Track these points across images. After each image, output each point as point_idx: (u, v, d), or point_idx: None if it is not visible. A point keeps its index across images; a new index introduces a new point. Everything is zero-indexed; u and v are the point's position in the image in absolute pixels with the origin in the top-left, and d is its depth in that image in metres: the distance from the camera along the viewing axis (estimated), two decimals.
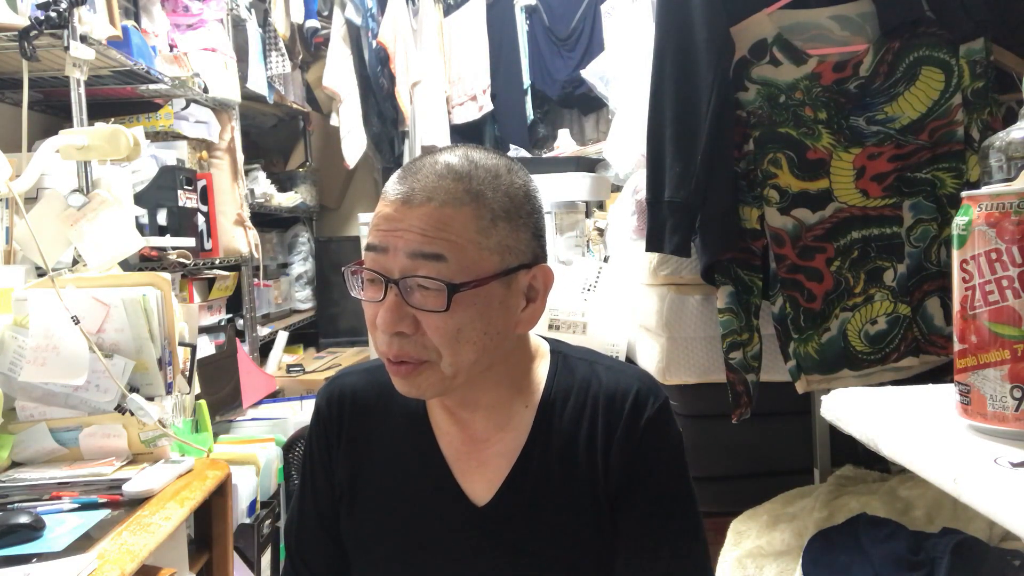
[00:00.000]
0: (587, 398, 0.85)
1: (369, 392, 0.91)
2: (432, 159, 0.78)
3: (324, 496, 0.92)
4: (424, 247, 0.74)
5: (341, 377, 0.95)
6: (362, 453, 0.89)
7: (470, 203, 0.75)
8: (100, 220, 1.59)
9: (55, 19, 1.59)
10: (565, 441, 0.84)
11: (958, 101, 1.42)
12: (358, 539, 0.89)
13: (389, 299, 0.75)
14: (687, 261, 1.57)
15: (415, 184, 0.76)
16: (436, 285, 0.73)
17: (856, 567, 1.29)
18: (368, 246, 0.78)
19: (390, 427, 0.89)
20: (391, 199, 0.77)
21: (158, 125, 2.30)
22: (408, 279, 0.74)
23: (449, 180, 0.76)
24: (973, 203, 0.67)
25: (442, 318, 0.74)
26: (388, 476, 0.87)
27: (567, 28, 3.69)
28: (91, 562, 1.07)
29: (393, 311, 0.74)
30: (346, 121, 3.56)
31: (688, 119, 1.44)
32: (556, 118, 3.90)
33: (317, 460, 0.92)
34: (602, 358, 0.91)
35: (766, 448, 1.76)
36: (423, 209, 0.74)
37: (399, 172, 0.80)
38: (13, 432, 1.47)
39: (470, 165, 0.77)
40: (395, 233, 0.75)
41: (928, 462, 0.66)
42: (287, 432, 2.38)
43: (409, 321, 0.75)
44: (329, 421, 0.91)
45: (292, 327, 3.42)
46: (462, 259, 0.74)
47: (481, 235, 0.75)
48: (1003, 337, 0.65)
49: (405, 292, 0.75)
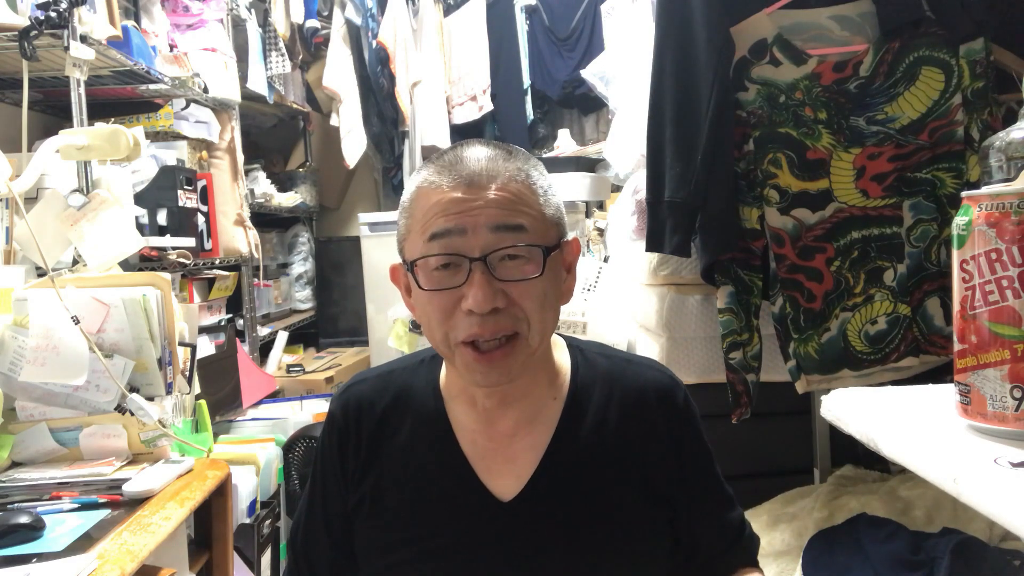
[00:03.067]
0: (613, 391, 0.87)
1: (384, 398, 0.90)
2: (468, 151, 0.79)
3: (334, 504, 0.91)
4: (508, 219, 0.76)
5: (355, 384, 0.94)
6: (382, 460, 0.89)
7: (527, 179, 0.79)
8: (100, 220, 1.59)
9: (55, 19, 1.59)
10: (593, 434, 0.85)
11: (958, 101, 1.42)
12: (380, 545, 0.88)
13: (478, 278, 0.75)
14: (687, 261, 1.57)
15: (472, 168, 0.77)
16: (529, 252, 0.76)
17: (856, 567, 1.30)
18: (437, 233, 0.76)
19: (408, 431, 0.88)
20: (450, 186, 0.76)
21: (158, 125, 2.30)
22: (497, 252, 0.75)
23: (502, 161, 0.78)
24: (973, 203, 0.67)
25: (536, 283, 0.77)
26: (409, 480, 0.87)
27: (567, 28, 3.69)
28: (91, 562, 1.07)
29: (486, 288, 0.74)
30: (346, 121, 3.56)
31: (688, 119, 1.44)
32: (556, 118, 3.90)
33: (330, 468, 0.92)
34: (614, 351, 0.94)
35: (766, 448, 1.76)
36: (494, 186, 0.76)
37: (437, 165, 0.79)
38: (13, 432, 1.46)
39: (505, 149, 0.80)
40: (471, 213, 0.75)
41: (928, 462, 0.66)
42: (287, 432, 2.38)
43: (501, 295, 0.76)
44: (345, 430, 0.91)
45: (292, 327, 3.41)
46: (537, 228, 0.78)
47: (544, 206, 0.79)
48: (1003, 337, 0.65)
49: (492, 267, 0.75)
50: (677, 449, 0.87)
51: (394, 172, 3.93)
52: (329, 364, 3.27)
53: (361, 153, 3.61)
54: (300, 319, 3.62)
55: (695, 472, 0.89)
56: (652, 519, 0.86)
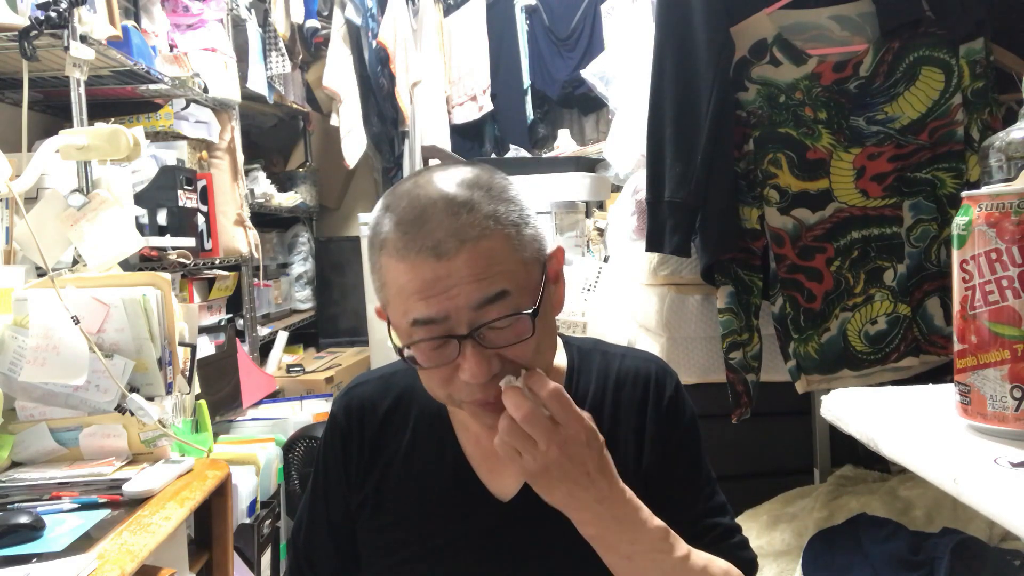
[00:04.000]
0: (607, 385, 0.88)
1: (387, 399, 0.91)
2: (424, 197, 0.74)
3: (336, 505, 0.92)
4: (487, 291, 0.71)
5: (357, 387, 0.94)
6: (384, 461, 0.89)
7: (494, 228, 0.73)
8: (100, 220, 1.59)
9: (55, 19, 1.59)
10: None
11: (958, 101, 1.42)
12: (382, 545, 0.88)
13: (469, 353, 0.72)
14: (687, 261, 1.57)
15: (436, 234, 0.71)
16: (512, 320, 0.73)
17: (856, 567, 1.30)
18: (419, 320, 0.72)
19: (410, 432, 0.89)
20: (417, 257, 0.71)
21: (158, 125, 2.30)
22: (482, 328, 0.72)
23: (464, 214, 0.72)
24: (973, 203, 0.67)
25: (528, 342, 0.74)
26: (411, 480, 0.87)
27: (567, 28, 3.69)
28: (91, 562, 1.07)
29: (480, 360, 0.72)
30: (346, 121, 3.56)
31: (688, 119, 1.44)
32: (556, 118, 3.90)
33: (332, 469, 0.92)
34: (609, 346, 0.94)
35: (766, 448, 1.76)
36: (463, 256, 0.71)
37: (400, 226, 0.73)
38: (13, 432, 1.46)
39: (466, 189, 0.74)
40: (449, 295, 0.71)
41: (928, 462, 0.66)
42: (287, 432, 2.38)
43: (495, 360, 0.74)
44: (347, 432, 0.91)
45: (292, 327, 3.41)
46: (518, 283, 0.73)
47: (518, 251, 0.74)
48: (1003, 337, 0.65)
49: (482, 338, 0.73)
50: (663, 440, 0.87)
51: (394, 172, 3.93)
52: (329, 364, 3.27)
53: (361, 153, 3.61)
54: (300, 319, 3.62)
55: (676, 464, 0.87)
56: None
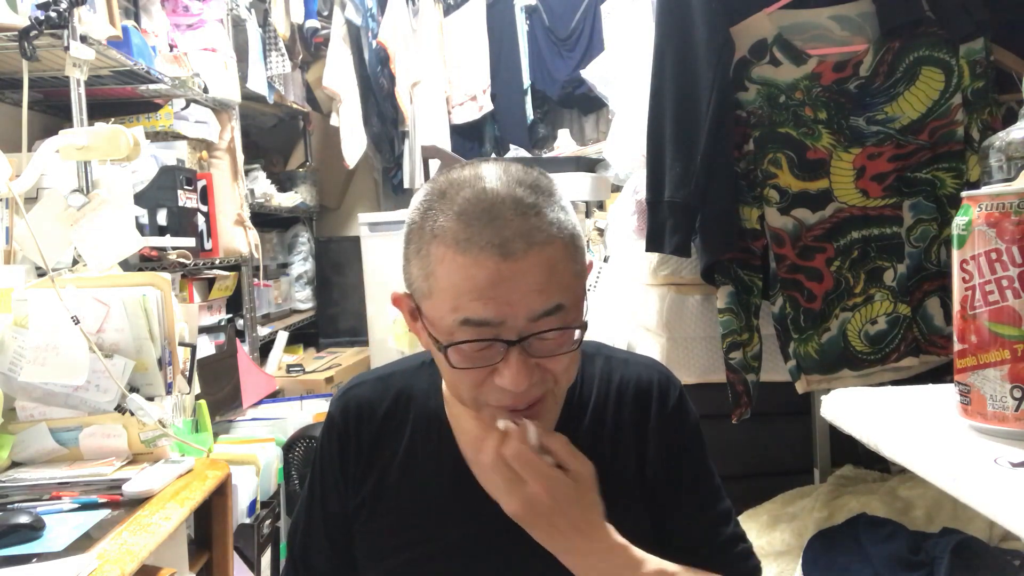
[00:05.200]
0: (609, 391, 0.87)
1: (384, 400, 0.90)
2: (490, 191, 0.71)
3: (333, 506, 0.91)
4: (547, 303, 0.70)
5: (354, 387, 0.93)
6: (382, 463, 0.88)
7: (557, 234, 0.72)
8: (100, 220, 1.59)
9: (55, 19, 1.59)
10: (592, 434, 0.85)
11: (958, 101, 1.42)
12: (379, 547, 0.88)
13: (514, 359, 0.71)
14: (687, 261, 1.57)
15: (504, 230, 0.69)
16: (565, 332, 0.72)
17: (856, 567, 1.29)
18: (472, 320, 0.70)
19: (409, 434, 0.88)
20: (479, 254, 0.69)
21: (158, 125, 2.30)
22: (532, 338, 0.71)
23: (532, 216, 0.70)
24: (973, 203, 0.67)
25: (571, 355, 0.74)
26: (409, 483, 0.86)
27: (567, 28, 3.69)
28: (91, 562, 1.07)
29: (523, 369, 0.71)
30: (346, 121, 3.56)
31: (688, 119, 1.44)
32: (556, 118, 3.90)
33: (328, 471, 0.91)
34: (612, 350, 0.93)
35: (766, 448, 1.76)
36: (530, 260, 0.69)
37: (464, 216, 0.70)
38: (13, 432, 1.47)
39: (531, 192, 0.72)
40: (508, 301, 0.69)
41: (928, 462, 0.66)
42: (287, 432, 2.38)
43: (536, 370, 0.73)
44: (345, 433, 0.90)
45: (292, 327, 3.41)
46: (572, 297, 0.73)
47: (572, 262, 0.73)
48: (1003, 337, 0.65)
49: (528, 348, 0.72)
50: (668, 447, 0.86)
51: (394, 172, 3.93)
52: (329, 364, 3.27)
53: (361, 153, 3.61)
54: (300, 319, 3.62)
55: (681, 471, 0.87)
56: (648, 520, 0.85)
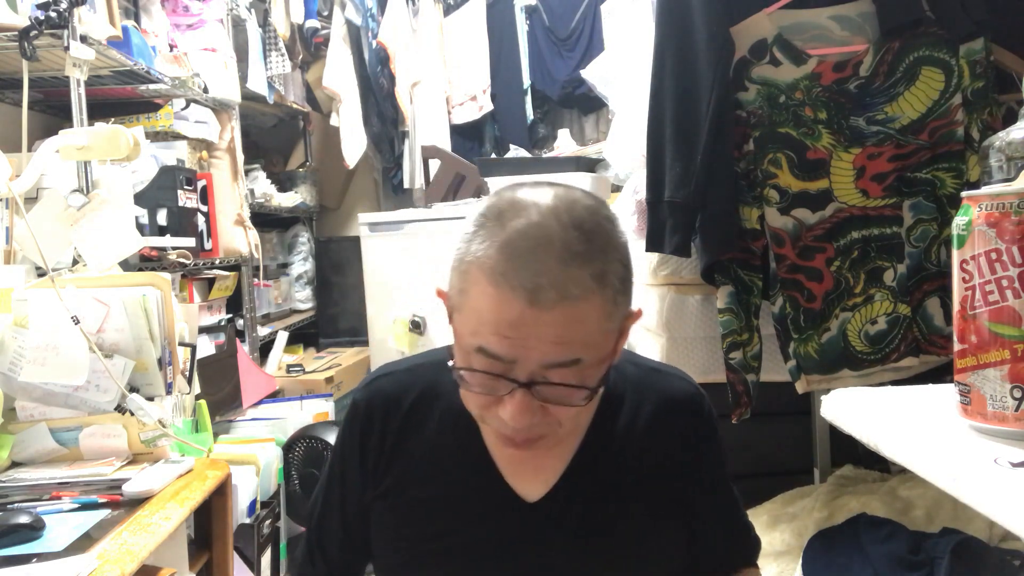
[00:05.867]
0: (642, 400, 0.88)
1: (411, 393, 0.90)
2: (539, 231, 0.69)
3: (351, 496, 0.91)
4: (561, 357, 0.70)
5: (380, 377, 0.93)
6: (407, 454, 0.88)
7: (597, 290, 0.70)
8: (100, 220, 1.59)
9: (55, 19, 1.59)
10: (622, 440, 0.86)
11: (958, 101, 1.42)
12: (397, 538, 0.88)
13: (519, 399, 0.71)
14: (687, 261, 1.57)
15: (539, 277, 0.68)
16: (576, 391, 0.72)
17: (856, 567, 1.30)
18: (486, 351, 0.71)
19: (435, 428, 0.88)
20: (510, 293, 0.68)
21: (158, 125, 2.30)
22: (541, 385, 0.71)
23: (575, 267, 0.69)
24: (973, 203, 0.67)
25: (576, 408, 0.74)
26: (434, 476, 0.87)
27: (567, 28, 3.69)
28: (91, 562, 1.07)
29: (524, 410, 0.72)
30: (346, 121, 3.56)
31: (688, 119, 1.44)
32: (556, 118, 3.90)
33: (349, 460, 0.91)
34: (642, 359, 0.95)
35: (766, 448, 1.76)
36: (556, 312, 0.68)
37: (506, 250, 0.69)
38: (13, 432, 1.46)
39: (584, 240, 0.70)
40: (524, 344, 0.69)
41: (928, 462, 0.66)
42: (287, 432, 2.38)
43: (539, 411, 0.73)
44: (369, 423, 0.90)
45: (292, 327, 3.41)
46: (594, 353, 0.72)
47: (608, 320, 0.72)
48: (1003, 337, 0.65)
49: (535, 391, 0.72)
50: (699, 457, 0.89)
51: (394, 172, 3.93)
52: (329, 364, 3.26)
53: (361, 153, 3.61)
54: (300, 319, 3.61)
55: (712, 479, 0.91)
56: (673, 524, 0.87)
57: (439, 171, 3.25)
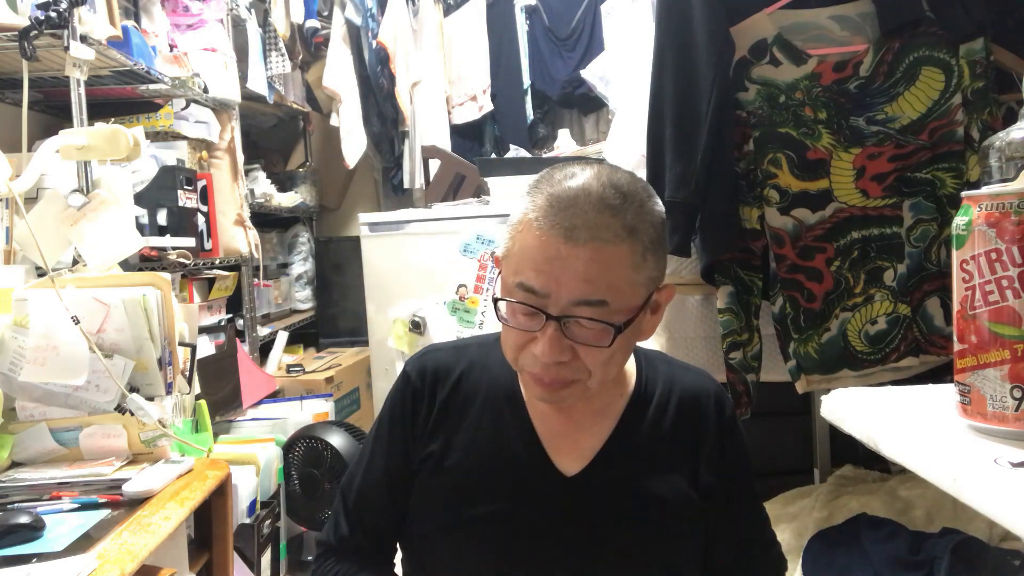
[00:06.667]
0: (671, 394, 0.95)
1: (459, 366, 0.96)
2: (581, 186, 0.79)
3: (398, 456, 0.95)
4: (589, 295, 0.77)
5: (432, 352, 1.00)
6: (453, 423, 0.93)
7: (627, 239, 0.78)
8: (100, 220, 1.59)
9: (55, 19, 1.59)
10: (653, 427, 0.93)
11: (958, 101, 1.42)
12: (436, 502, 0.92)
13: (549, 333, 0.79)
14: (687, 261, 1.57)
15: (575, 219, 0.77)
16: (600, 326, 0.78)
17: (856, 567, 1.30)
18: (523, 285, 0.79)
19: (481, 400, 0.94)
20: (547, 231, 0.77)
21: (158, 125, 2.30)
22: (570, 318, 0.78)
23: (608, 215, 0.77)
24: (973, 203, 0.67)
25: (599, 349, 0.80)
26: (478, 445, 0.92)
27: (567, 28, 3.69)
28: (91, 562, 1.07)
29: (555, 344, 0.79)
30: (346, 121, 3.56)
31: (688, 119, 1.44)
32: (556, 118, 3.90)
33: (398, 422, 0.96)
34: (673, 359, 1.03)
35: (766, 448, 1.76)
36: (587, 249, 0.76)
37: (551, 199, 0.79)
38: (13, 432, 1.46)
39: (620, 197, 0.79)
40: (558, 279, 0.77)
41: (928, 462, 0.66)
42: (287, 432, 2.38)
43: (568, 350, 0.80)
44: (419, 390, 0.96)
45: (292, 327, 3.41)
46: (620, 299, 0.79)
47: (635, 271, 0.79)
48: (1003, 337, 0.65)
49: (564, 327, 0.79)
50: (721, 451, 0.95)
51: (394, 172, 3.92)
52: (329, 364, 3.26)
53: (361, 153, 3.61)
54: (300, 319, 3.61)
55: (733, 476, 0.96)
56: (695, 505, 0.92)
57: (439, 171, 3.25)
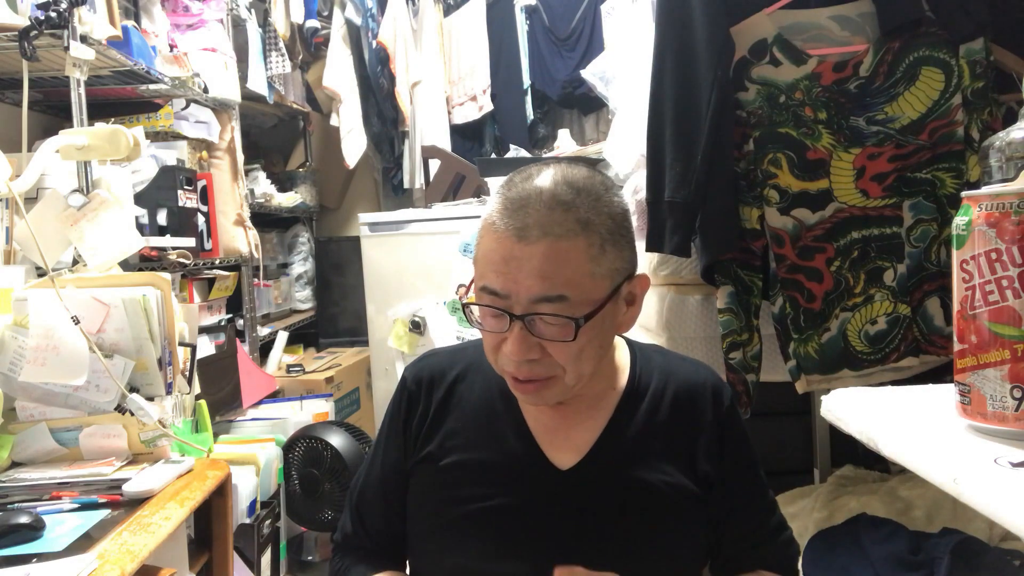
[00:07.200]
0: (667, 385, 0.96)
1: (456, 367, 0.99)
2: (534, 187, 0.81)
3: (393, 460, 0.98)
4: (547, 291, 0.79)
5: (428, 357, 1.03)
6: (447, 423, 0.95)
7: (581, 232, 0.79)
8: (100, 220, 1.59)
9: (55, 19, 1.59)
10: (648, 419, 0.94)
11: (958, 101, 1.42)
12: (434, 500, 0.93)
13: (515, 332, 0.81)
14: (687, 261, 1.57)
15: (527, 218, 0.79)
16: (562, 321, 0.80)
17: (856, 567, 1.30)
18: (486, 288, 0.81)
19: (476, 399, 0.96)
20: (502, 233, 0.80)
21: (158, 125, 2.30)
22: (533, 315, 0.80)
23: (559, 211, 0.79)
24: (973, 203, 0.67)
25: (567, 344, 0.81)
26: (472, 443, 0.93)
27: (567, 28, 3.69)
28: (91, 562, 1.07)
29: (521, 343, 0.81)
30: (346, 121, 3.56)
31: (688, 119, 1.44)
32: (556, 118, 3.90)
33: (393, 426, 0.99)
34: (669, 351, 1.03)
35: (766, 448, 1.76)
36: (540, 246, 0.78)
37: (505, 202, 0.82)
38: (13, 432, 1.47)
39: (573, 192, 0.81)
40: (515, 280, 0.79)
41: (928, 462, 0.66)
42: (287, 432, 2.38)
43: (536, 348, 0.82)
44: (415, 396, 0.98)
45: (292, 327, 3.41)
46: (580, 293, 0.80)
47: (593, 264, 0.80)
48: (1003, 337, 0.65)
49: (530, 325, 0.81)
50: (721, 442, 0.95)
51: (394, 172, 3.93)
52: (329, 364, 3.27)
53: (361, 153, 3.61)
54: (300, 319, 3.62)
55: (734, 465, 0.95)
56: (694, 496, 0.92)
57: (439, 171, 3.25)
